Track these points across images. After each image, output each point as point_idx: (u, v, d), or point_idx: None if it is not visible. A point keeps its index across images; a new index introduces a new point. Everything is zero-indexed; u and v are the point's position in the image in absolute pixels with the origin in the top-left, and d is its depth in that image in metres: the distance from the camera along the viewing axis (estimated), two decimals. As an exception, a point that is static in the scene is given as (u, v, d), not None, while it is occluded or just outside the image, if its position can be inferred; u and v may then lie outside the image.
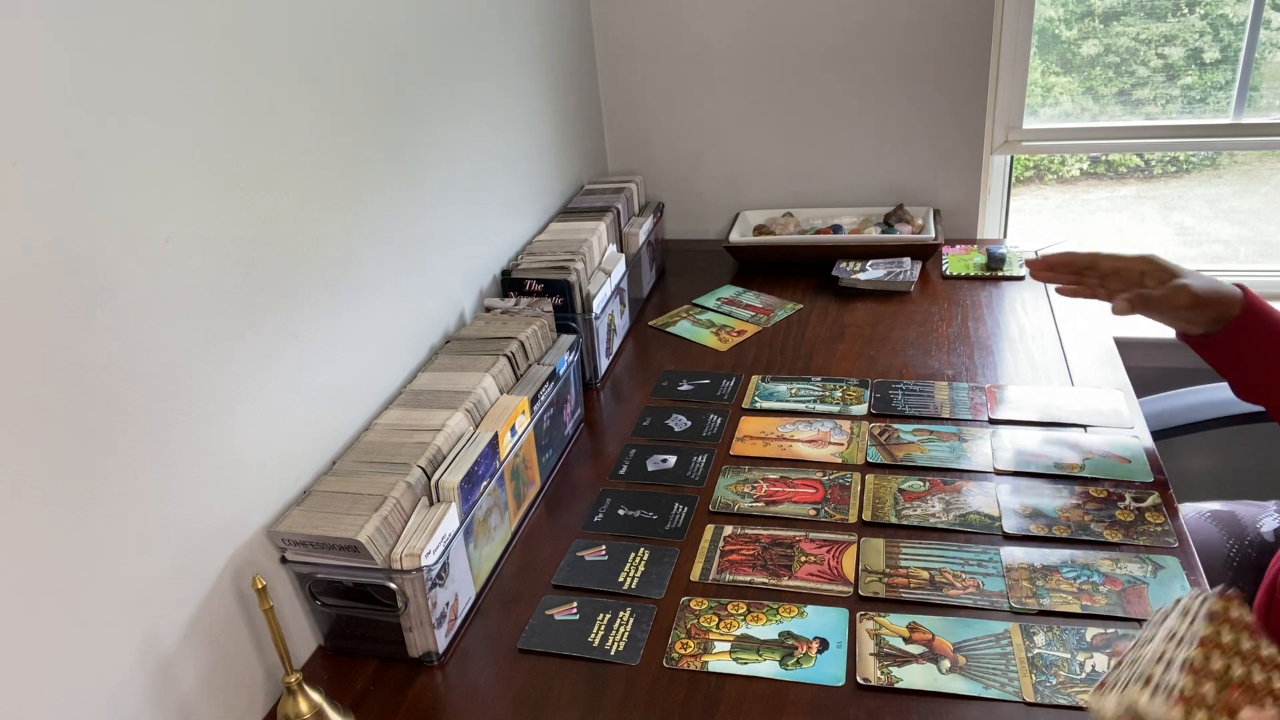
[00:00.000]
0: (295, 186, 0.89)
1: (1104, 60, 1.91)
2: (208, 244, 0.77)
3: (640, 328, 1.49)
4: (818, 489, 1.05)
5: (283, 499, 0.87)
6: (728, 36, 1.70)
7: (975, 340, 1.35)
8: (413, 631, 0.85)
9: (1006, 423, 1.14)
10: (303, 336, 0.90)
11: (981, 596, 0.87)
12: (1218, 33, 1.84)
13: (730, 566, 0.94)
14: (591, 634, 0.88)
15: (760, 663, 0.83)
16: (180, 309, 0.74)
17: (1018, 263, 1.57)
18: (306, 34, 0.90)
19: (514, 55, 1.40)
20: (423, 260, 1.14)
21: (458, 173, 1.23)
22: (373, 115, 1.03)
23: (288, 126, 0.87)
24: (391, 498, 0.84)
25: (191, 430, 0.76)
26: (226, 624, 0.80)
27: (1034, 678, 0.78)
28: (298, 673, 0.76)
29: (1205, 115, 1.85)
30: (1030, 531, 0.95)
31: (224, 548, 0.80)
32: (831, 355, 1.34)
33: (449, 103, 1.20)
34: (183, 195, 0.74)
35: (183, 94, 0.74)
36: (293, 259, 0.88)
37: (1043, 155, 2.34)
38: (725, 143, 1.79)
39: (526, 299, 1.26)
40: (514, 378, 1.09)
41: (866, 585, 0.90)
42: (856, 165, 1.75)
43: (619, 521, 1.03)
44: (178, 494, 0.75)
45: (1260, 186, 2.45)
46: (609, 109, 1.82)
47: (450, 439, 0.94)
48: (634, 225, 1.54)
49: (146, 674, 0.72)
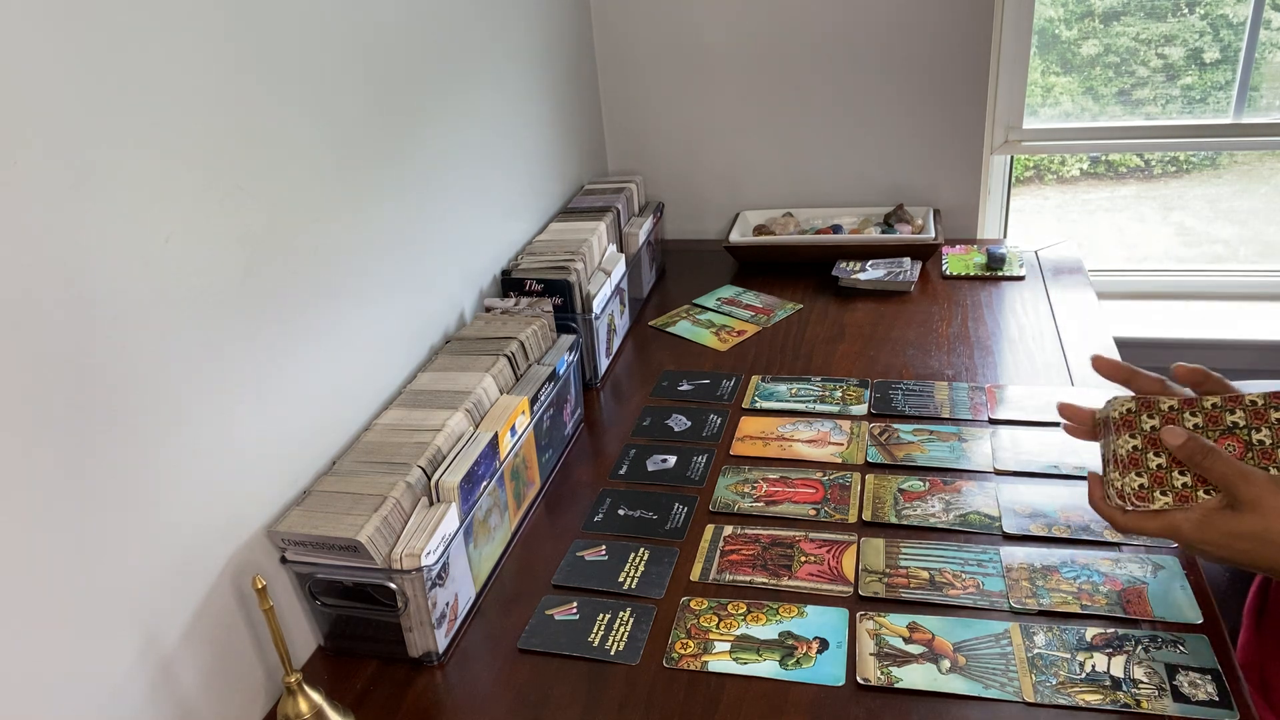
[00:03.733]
0: (295, 186, 0.89)
1: (1104, 60, 1.91)
2: (208, 244, 0.77)
3: (640, 328, 1.49)
4: (818, 489, 1.05)
5: (283, 499, 0.87)
6: (728, 36, 1.70)
7: (975, 340, 1.35)
8: (413, 631, 0.85)
9: (1006, 423, 1.14)
10: (302, 336, 0.90)
11: (981, 596, 0.87)
12: (1218, 33, 1.84)
13: (730, 566, 0.94)
14: (591, 634, 0.88)
15: (760, 663, 0.83)
16: (180, 309, 0.74)
17: (1018, 263, 1.57)
18: (307, 35, 0.90)
19: (514, 55, 1.40)
20: (422, 260, 1.14)
21: (458, 173, 1.23)
22: (373, 115, 1.03)
23: (288, 127, 0.87)
24: (391, 498, 0.84)
25: (191, 430, 0.76)
26: (226, 624, 0.80)
27: (1034, 678, 0.78)
28: (298, 673, 0.76)
29: (1205, 115, 1.85)
30: (1030, 531, 0.95)
31: (224, 548, 0.80)
32: (831, 355, 1.34)
33: (449, 103, 1.20)
34: (183, 196, 0.74)
35: (183, 94, 0.74)
36: (293, 259, 0.88)
37: (1043, 155, 2.34)
38: (725, 143, 1.79)
39: (526, 299, 1.26)
40: (514, 378, 1.09)
41: (866, 585, 0.90)
42: (856, 165, 1.75)
43: (619, 521, 1.03)
44: (178, 494, 0.75)
45: (1260, 186, 2.45)
46: (609, 109, 1.82)
47: (450, 439, 0.94)
48: (634, 225, 1.54)
49: (146, 674, 0.72)
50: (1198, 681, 0.76)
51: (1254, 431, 0.72)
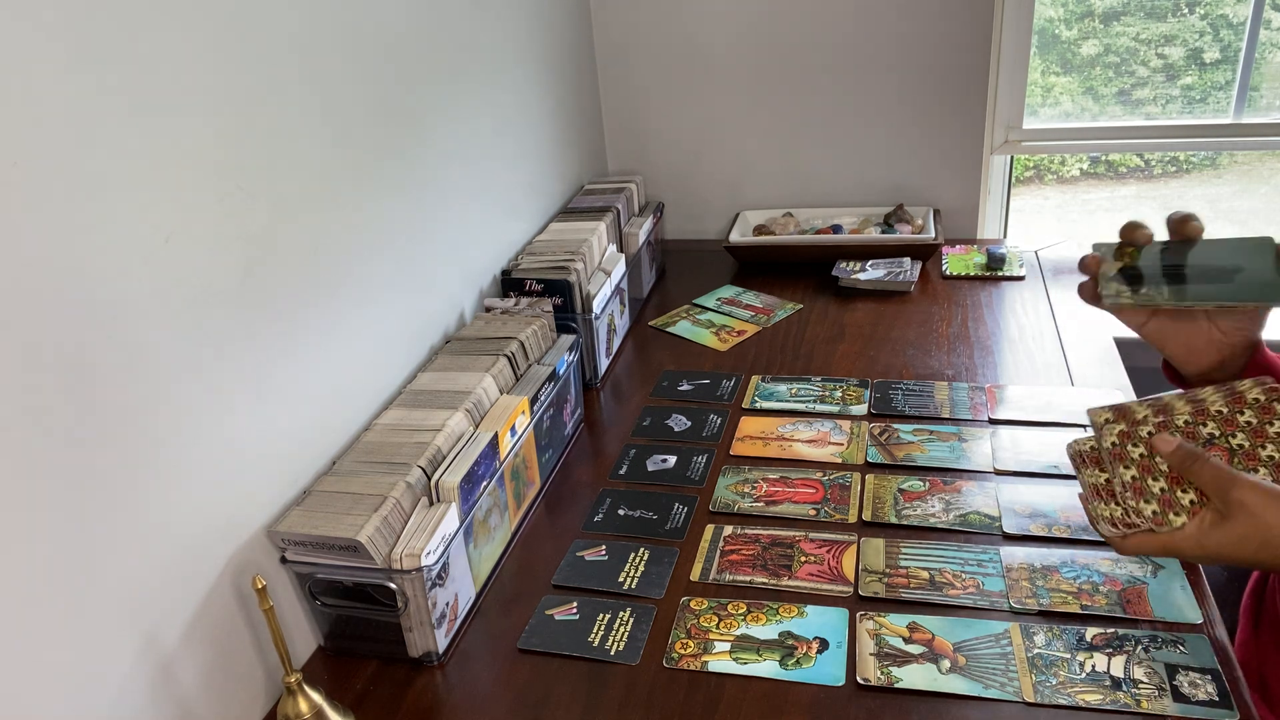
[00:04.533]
0: (295, 187, 0.89)
1: (1104, 60, 1.91)
2: (208, 244, 0.77)
3: (640, 328, 1.49)
4: (818, 489, 1.05)
5: (283, 499, 0.87)
6: (728, 36, 1.70)
7: (975, 340, 1.35)
8: (413, 631, 0.85)
9: (1006, 423, 1.14)
10: (302, 336, 0.90)
11: (981, 596, 0.87)
12: (1218, 33, 1.84)
13: (730, 566, 0.94)
14: (591, 634, 0.88)
15: (760, 663, 0.83)
16: (180, 309, 0.74)
17: (1018, 263, 1.57)
18: (307, 36, 0.90)
19: (514, 55, 1.40)
20: (423, 260, 1.14)
21: (458, 173, 1.23)
22: (373, 115, 1.03)
23: (289, 127, 0.87)
24: (391, 498, 0.84)
25: (191, 430, 0.76)
26: (226, 624, 0.80)
27: (1034, 678, 0.78)
28: (298, 673, 0.76)
29: (1205, 115, 1.85)
30: (1030, 531, 0.95)
31: (224, 548, 0.80)
32: (831, 355, 1.34)
33: (449, 103, 1.20)
34: (183, 196, 0.74)
35: (183, 94, 0.74)
36: (293, 259, 0.88)
37: (1043, 155, 2.34)
38: (725, 143, 1.79)
39: (526, 299, 1.26)
40: (514, 378, 1.09)
41: (866, 585, 0.90)
42: (856, 165, 1.75)
43: (619, 521, 1.03)
44: (178, 494, 0.75)
45: (1260, 186, 2.45)
46: (609, 109, 1.82)
47: (450, 439, 0.94)
48: (634, 225, 1.54)
49: (147, 674, 0.72)
50: (1198, 681, 0.76)
51: (1230, 438, 0.73)
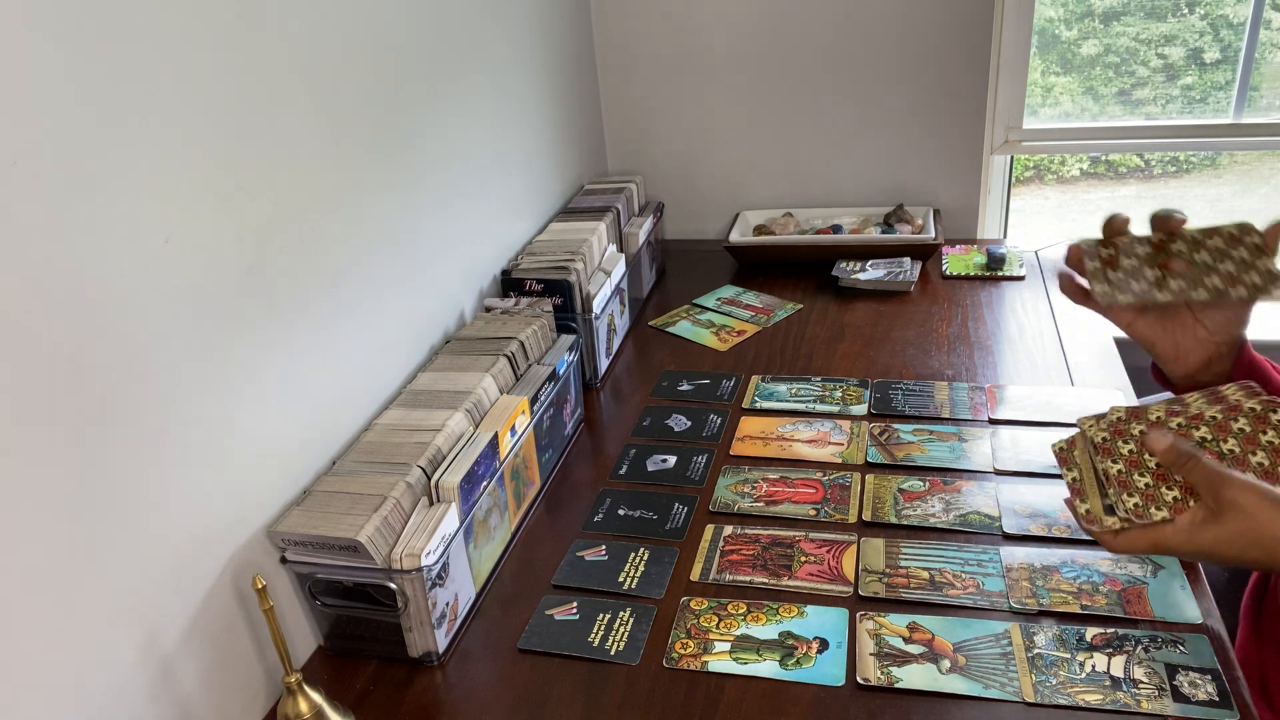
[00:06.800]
0: (295, 187, 0.89)
1: (1104, 60, 1.91)
2: (208, 245, 0.77)
3: (640, 328, 1.49)
4: (818, 489, 1.05)
5: (283, 499, 0.87)
6: (728, 36, 1.70)
7: (975, 340, 1.35)
8: (413, 631, 0.85)
9: (1006, 423, 1.14)
10: (302, 337, 0.90)
11: (981, 596, 0.87)
12: (1218, 33, 1.84)
13: (730, 566, 0.94)
14: (591, 634, 0.88)
15: (760, 663, 0.83)
16: (180, 309, 0.74)
17: (1018, 263, 1.57)
18: (308, 37, 0.90)
19: (514, 55, 1.40)
20: (422, 260, 1.14)
21: (458, 173, 1.23)
22: (373, 116, 1.03)
23: (288, 127, 0.87)
24: (391, 498, 0.84)
25: (191, 430, 0.76)
26: (227, 624, 0.80)
27: (1034, 678, 0.78)
28: (298, 673, 0.76)
29: (1205, 115, 1.85)
30: (1030, 531, 0.95)
31: (224, 548, 0.80)
32: (831, 355, 1.34)
33: (449, 103, 1.20)
34: (183, 196, 0.74)
35: (183, 95, 0.74)
36: (292, 260, 0.88)
37: (1043, 155, 2.34)
38: (725, 143, 1.79)
39: (526, 299, 1.26)
40: (514, 378, 1.09)
41: (866, 585, 0.90)
42: (856, 165, 1.75)
43: (619, 521, 1.03)
44: (178, 494, 0.75)
45: (1260, 186, 2.45)
46: (609, 109, 1.82)
47: (450, 439, 0.94)
48: (634, 225, 1.54)
49: (147, 674, 0.72)
50: (1198, 681, 0.76)
51: (1221, 443, 0.73)
